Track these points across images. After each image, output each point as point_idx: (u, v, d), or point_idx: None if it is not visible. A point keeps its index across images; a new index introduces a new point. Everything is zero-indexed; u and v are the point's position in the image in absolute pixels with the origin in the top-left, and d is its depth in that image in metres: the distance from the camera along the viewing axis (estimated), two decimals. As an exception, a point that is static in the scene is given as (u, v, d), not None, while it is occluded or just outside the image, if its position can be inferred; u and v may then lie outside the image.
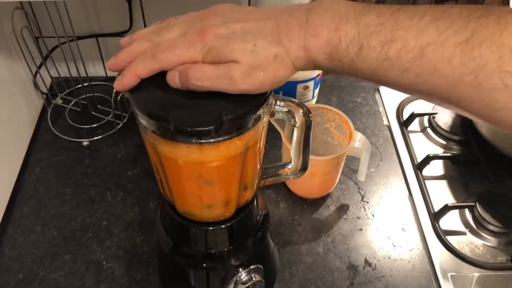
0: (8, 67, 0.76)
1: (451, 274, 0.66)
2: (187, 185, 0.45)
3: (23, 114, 0.81)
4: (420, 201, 0.75)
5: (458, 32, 0.32)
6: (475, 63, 0.32)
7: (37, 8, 0.81)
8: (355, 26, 0.35)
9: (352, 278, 0.65)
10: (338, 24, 0.35)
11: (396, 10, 0.34)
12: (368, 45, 0.34)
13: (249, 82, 0.36)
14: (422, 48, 0.33)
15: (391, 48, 0.34)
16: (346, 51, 0.35)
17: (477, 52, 0.32)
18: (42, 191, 0.74)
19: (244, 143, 0.41)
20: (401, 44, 0.33)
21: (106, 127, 0.84)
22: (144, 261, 0.66)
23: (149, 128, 0.40)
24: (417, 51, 0.33)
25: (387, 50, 0.34)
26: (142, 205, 0.73)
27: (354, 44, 0.35)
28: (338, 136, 0.71)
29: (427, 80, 0.34)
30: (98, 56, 0.90)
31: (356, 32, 0.35)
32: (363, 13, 0.35)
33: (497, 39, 0.31)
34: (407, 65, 0.34)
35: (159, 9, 0.82)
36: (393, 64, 0.34)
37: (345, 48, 0.35)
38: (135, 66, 0.38)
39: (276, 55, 0.36)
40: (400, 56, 0.34)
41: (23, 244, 0.68)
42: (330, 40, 0.35)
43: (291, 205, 0.74)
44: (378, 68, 0.35)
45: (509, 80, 0.31)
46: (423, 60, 0.33)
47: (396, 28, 0.34)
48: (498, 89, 0.32)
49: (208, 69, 0.37)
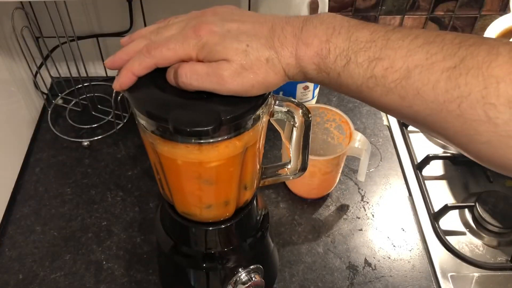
0: (8, 67, 0.76)
1: (451, 274, 0.66)
2: (186, 185, 0.45)
3: (23, 114, 0.81)
4: (420, 201, 0.75)
5: (447, 58, 0.31)
6: (460, 91, 0.31)
7: (37, 8, 0.81)
8: (346, 40, 0.34)
9: (352, 278, 0.65)
10: (330, 36, 0.35)
11: (391, 30, 0.34)
12: (356, 60, 0.34)
13: (238, 82, 0.36)
14: (409, 70, 0.32)
15: (377, 66, 0.33)
16: (333, 64, 0.35)
17: (463, 80, 0.30)
18: (42, 191, 0.74)
19: (243, 143, 0.41)
20: (388, 63, 0.33)
21: (106, 127, 0.84)
22: (144, 261, 0.66)
23: (148, 128, 0.40)
24: (403, 72, 0.32)
25: (373, 68, 0.33)
26: (142, 205, 0.73)
27: (342, 58, 0.34)
28: (338, 136, 0.71)
29: (410, 104, 0.33)
30: (98, 56, 0.90)
31: (346, 46, 0.34)
32: (357, 28, 0.35)
33: (485, 69, 0.30)
34: (392, 85, 0.33)
35: (159, 9, 0.82)
36: (378, 83, 0.34)
37: (333, 61, 0.35)
38: (130, 64, 0.38)
39: (268, 58, 0.36)
40: (386, 75, 0.33)
41: (23, 244, 0.68)
42: (319, 51, 0.35)
43: (291, 205, 0.74)
44: (363, 85, 0.34)
45: (492, 113, 0.30)
46: (408, 82, 0.32)
47: (386, 46, 0.33)
48: (481, 121, 0.30)
49: (197, 67, 0.36)
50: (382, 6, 0.87)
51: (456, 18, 0.90)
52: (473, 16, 0.90)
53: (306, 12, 0.76)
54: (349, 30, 0.35)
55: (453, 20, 0.91)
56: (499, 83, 0.30)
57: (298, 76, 0.38)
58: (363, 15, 0.89)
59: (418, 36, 0.33)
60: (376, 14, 0.89)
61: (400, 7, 0.88)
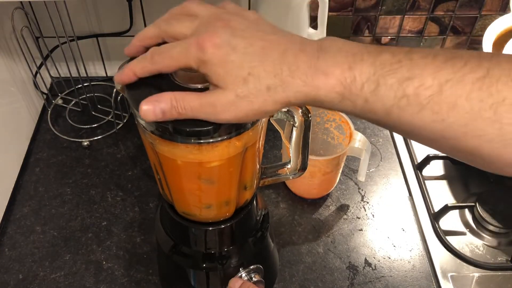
0: (8, 67, 0.76)
1: (451, 274, 0.66)
2: (186, 185, 0.45)
3: (23, 114, 0.81)
4: (420, 201, 0.75)
5: (474, 70, 0.32)
6: (494, 98, 0.32)
7: (37, 8, 0.81)
8: (371, 65, 0.34)
9: (352, 278, 0.65)
10: (352, 63, 0.34)
11: (409, 51, 0.34)
12: (385, 83, 0.33)
13: (231, 112, 0.35)
14: (441, 85, 0.33)
15: (409, 86, 0.33)
16: (360, 91, 0.34)
17: (494, 88, 0.32)
18: (42, 191, 0.74)
19: (243, 143, 0.41)
20: (419, 81, 0.33)
21: (106, 127, 0.84)
22: (144, 261, 0.66)
23: (148, 128, 0.40)
24: (436, 88, 0.33)
25: (405, 88, 0.33)
26: (142, 205, 0.73)
27: (370, 83, 0.34)
28: (338, 136, 0.71)
29: (444, 117, 0.33)
30: (98, 56, 0.90)
31: (372, 71, 0.34)
32: (377, 53, 0.34)
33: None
34: (424, 102, 0.33)
35: (159, 9, 0.82)
36: (410, 102, 0.33)
37: (360, 88, 0.34)
38: (134, 64, 0.38)
39: (269, 86, 0.35)
40: (418, 93, 0.33)
41: (23, 244, 0.68)
42: (343, 80, 0.34)
43: (291, 205, 0.74)
44: (393, 106, 0.34)
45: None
46: (441, 97, 0.33)
47: (412, 66, 0.33)
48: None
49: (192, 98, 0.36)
50: (382, 6, 0.87)
51: (456, 18, 0.90)
52: (473, 16, 0.90)
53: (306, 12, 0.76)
54: (370, 55, 0.34)
55: (453, 20, 0.91)
56: None
57: (309, 103, 0.37)
58: (363, 15, 0.89)
59: (438, 54, 0.34)
60: (376, 14, 0.89)
61: (400, 7, 0.88)
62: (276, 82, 0.35)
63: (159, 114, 0.36)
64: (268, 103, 0.35)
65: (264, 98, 0.35)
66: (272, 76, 0.35)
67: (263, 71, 0.34)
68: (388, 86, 0.33)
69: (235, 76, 0.34)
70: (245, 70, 0.34)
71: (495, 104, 0.32)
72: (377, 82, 0.34)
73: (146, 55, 0.38)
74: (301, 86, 0.35)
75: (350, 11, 0.88)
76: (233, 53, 0.35)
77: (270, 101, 0.35)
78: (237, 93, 0.35)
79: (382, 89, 0.34)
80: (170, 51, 0.37)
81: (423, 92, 0.33)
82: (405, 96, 0.33)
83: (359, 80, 0.34)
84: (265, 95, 0.35)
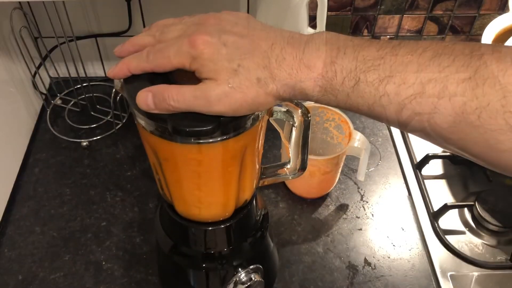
0: (7, 67, 0.76)
1: (450, 274, 0.66)
2: (185, 185, 0.45)
3: (22, 115, 0.81)
4: (420, 201, 0.75)
5: (461, 70, 0.31)
6: (478, 102, 0.30)
7: (36, 9, 0.81)
8: (353, 60, 0.33)
9: (351, 278, 0.65)
10: (335, 58, 0.34)
11: (397, 44, 0.33)
12: (365, 79, 0.33)
13: (225, 103, 0.35)
14: (423, 84, 0.31)
15: (389, 83, 0.32)
16: (341, 85, 0.34)
17: (480, 91, 0.30)
18: (41, 191, 0.74)
19: (242, 143, 0.41)
20: (400, 79, 0.32)
21: (105, 127, 0.84)
22: (144, 261, 0.66)
23: (148, 129, 0.40)
24: (417, 87, 0.32)
25: (385, 86, 0.32)
26: (142, 206, 0.73)
27: (350, 79, 0.33)
28: (338, 136, 0.71)
29: (427, 118, 0.32)
30: (97, 56, 0.90)
31: (353, 66, 0.33)
32: (362, 47, 0.34)
33: (501, 78, 0.30)
34: (406, 101, 0.32)
35: (158, 9, 0.82)
36: (391, 101, 0.33)
37: (341, 82, 0.34)
38: (129, 60, 0.39)
39: (259, 78, 0.35)
40: (399, 92, 0.32)
41: (23, 244, 0.68)
42: (325, 73, 0.34)
43: (291, 205, 0.74)
44: (375, 104, 0.34)
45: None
46: (423, 97, 0.32)
47: (396, 62, 0.32)
48: (502, 130, 0.30)
49: (185, 90, 0.35)
50: (381, 5, 0.87)
51: (455, 17, 0.90)
52: (472, 15, 0.90)
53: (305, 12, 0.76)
54: (355, 49, 0.34)
55: (452, 19, 0.91)
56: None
57: (296, 97, 0.36)
58: (362, 15, 0.89)
59: (427, 49, 0.32)
60: (375, 14, 0.89)
61: (399, 7, 0.88)
62: (265, 74, 0.35)
63: (151, 104, 0.36)
64: (261, 94, 0.35)
65: (256, 89, 0.35)
66: (262, 67, 0.35)
67: (253, 63, 0.35)
68: (369, 83, 0.33)
69: (226, 68, 0.35)
70: (235, 62, 0.35)
71: (478, 108, 0.30)
72: (358, 78, 0.33)
73: (142, 53, 0.38)
74: (287, 79, 0.35)
75: (349, 10, 0.88)
76: (223, 47, 0.35)
77: (262, 93, 0.35)
78: (229, 84, 0.35)
79: (362, 85, 0.33)
80: (165, 51, 0.37)
81: (404, 91, 0.32)
82: (385, 94, 0.33)
83: (339, 75, 0.34)
84: (256, 87, 0.35)
